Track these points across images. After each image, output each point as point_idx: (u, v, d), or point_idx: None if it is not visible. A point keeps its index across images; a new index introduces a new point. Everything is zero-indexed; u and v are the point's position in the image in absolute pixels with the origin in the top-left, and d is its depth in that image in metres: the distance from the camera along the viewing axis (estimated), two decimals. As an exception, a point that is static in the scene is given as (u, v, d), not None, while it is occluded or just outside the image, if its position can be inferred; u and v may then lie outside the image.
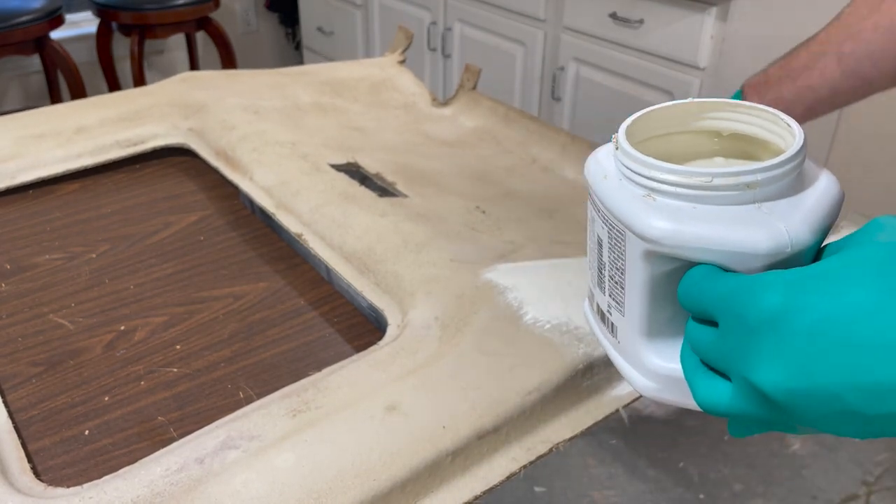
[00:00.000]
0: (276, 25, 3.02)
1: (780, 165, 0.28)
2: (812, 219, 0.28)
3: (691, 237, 0.28)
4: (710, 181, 0.28)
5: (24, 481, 0.49)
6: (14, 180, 0.85)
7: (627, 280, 0.31)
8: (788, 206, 0.28)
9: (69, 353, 0.62)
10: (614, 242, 0.31)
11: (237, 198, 0.86)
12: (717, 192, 0.28)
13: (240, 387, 0.59)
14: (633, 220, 0.29)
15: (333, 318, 0.67)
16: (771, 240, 0.27)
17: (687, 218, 0.28)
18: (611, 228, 0.31)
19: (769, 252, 0.27)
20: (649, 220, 0.28)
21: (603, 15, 1.66)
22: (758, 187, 0.28)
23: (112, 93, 0.99)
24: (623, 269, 0.31)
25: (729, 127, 0.32)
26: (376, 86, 1.08)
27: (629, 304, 0.32)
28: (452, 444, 0.48)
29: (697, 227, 0.28)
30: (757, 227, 0.27)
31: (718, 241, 0.28)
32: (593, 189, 0.32)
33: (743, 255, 0.27)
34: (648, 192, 0.29)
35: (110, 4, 2.28)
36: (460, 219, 0.75)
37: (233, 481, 0.45)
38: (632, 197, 0.29)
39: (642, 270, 0.30)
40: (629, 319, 0.32)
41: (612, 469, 0.48)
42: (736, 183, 0.27)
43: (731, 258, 0.28)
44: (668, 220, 0.28)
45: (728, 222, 0.28)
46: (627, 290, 0.31)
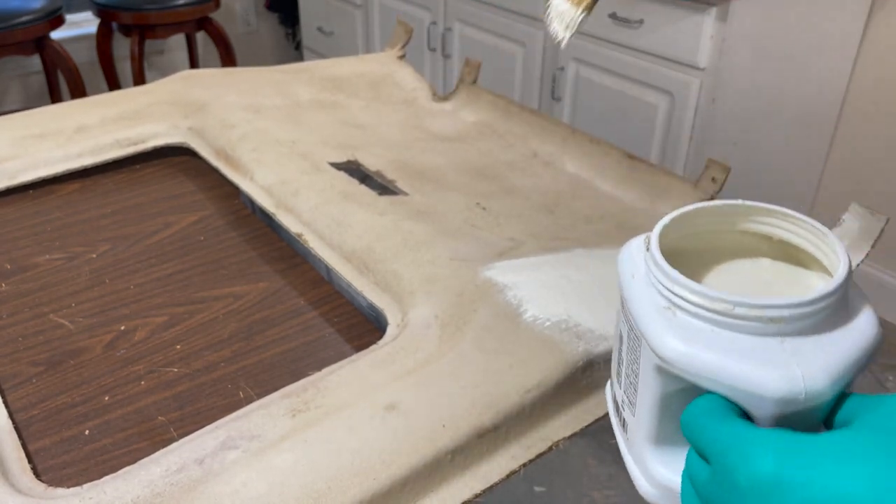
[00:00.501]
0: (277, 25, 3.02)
1: (810, 304, 0.26)
2: (836, 367, 0.26)
3: (702, 364, 0.27)
4: (732, 309, 0.26)
5: (24, 481, 0.49)
6: (14, 180, 0.85)
7: (640, 385, 0.30)
8: (814, 346, 0.26)
9: (69, 353, 0.62)
10: (632, 344, 0.30)
11: (237, 197, 0.86)
12: (739, 321, 0.26)
13: (240, 387, 0.59)
14: (649, 333, 0.28)
15: (333, 317, 0.67)
16: (784, 385, 0.25)
17: (703, 342, 0.27)
18: (630, 329, 0.30)
19: (780, 398, 0.25)
20: (664, 338, 0.28)
21: (602, 15, 1.66)
22: (783, 323, 0.26)
23: (112, 92, 0.99)
24: (637, 372, 0.30)
25: (778, 235, 0.31)
26: (376, 81, 1.08)
27: (640, 408, 0.31)
28: (452, 443, 0.48)
29: (711, 355, 0.26)
30: (772, 368, 0.26)
31: (729, 375, 0.26)
32: (621, 285, 0.31)
33: (752, 396, 0.26)
34: (670, 306, 0.28)
35: (110, 4, 2.28)
36: (460, 216, 0.75)
37: (233, 481, 0.45)
38: (653, 306, 0.28)
39: (654, 382, 0.29)
40: (639, 422, 0.31)
41: (613, 469, 0.48)
42: (759, 315, 0.26)
43: (740, 395, 0.26)
44: (684, 341, 0.27)
45: (744, 355, 0.26)
46: (639, 394, 0.31)
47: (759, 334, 0.26)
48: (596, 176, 0.87)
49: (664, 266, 0.28)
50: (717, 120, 1.55)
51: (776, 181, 1.70)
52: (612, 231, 0.75)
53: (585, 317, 0.58)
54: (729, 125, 1.57)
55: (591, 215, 0.79)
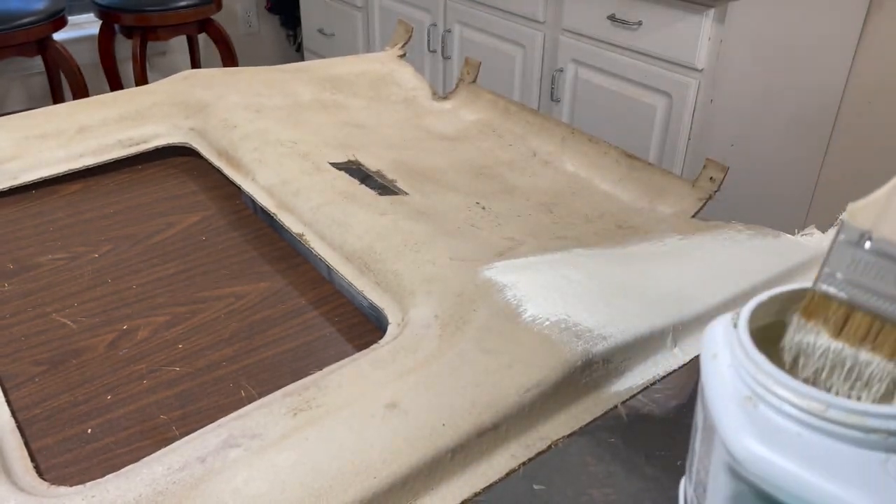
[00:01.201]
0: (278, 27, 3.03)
1: None
2: None
3: (782, 473, 0.22)
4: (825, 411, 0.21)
5: (26, 480, 0.49)
6: (16, 180, 0.85)
7: (709, 485, 0.26)
8: None
9: (72, 353, 0.63)
10: (706, 436, 0.25)
11: (239, 198, 0.86)
12: (833, 426, 0.21)
13: (241, 385, 0.59)
14: (724, 424, 0.23)
15: (334, 317, 0.68)
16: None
17: (786, 445, 0.22)
18: (706, 418, 0.25)
19: None
20: (740, 433, 0.23)
21: (601, 17, 1.66)
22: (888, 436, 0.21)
23: (113, 92, 0.99)
24: (708, 469, 0.26)
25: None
26: (376, 81, 1.09)
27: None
28: (452, 442, 0.49)
29: (792, 464, 0.21)
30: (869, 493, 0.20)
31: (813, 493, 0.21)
32: (701, 365, 0.26)
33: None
34: (752, 396, 0.23)
35: (113, 6, 2.28)
36: (460, 215, 0.75)
37: (234, 479, 0.46)
38: (733, 394, 0.24)
39: (724, 485, 0.24)
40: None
41: (611, 467, 0.48)
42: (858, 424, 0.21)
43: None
44: (762, 440, 0.22)
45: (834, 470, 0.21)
46: (709, 496, 0.26)
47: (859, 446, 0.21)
48: (595, 175, 0.87)
49: (748, 347, 0.24)
50: (715, 120, 1.56)
51: (773, 181, 1.70)
52: (611, 230, 0.76)
53: (584, 316, 0.58)
54: (727, 126, 1.58)
55: (590, 214, 0.79)
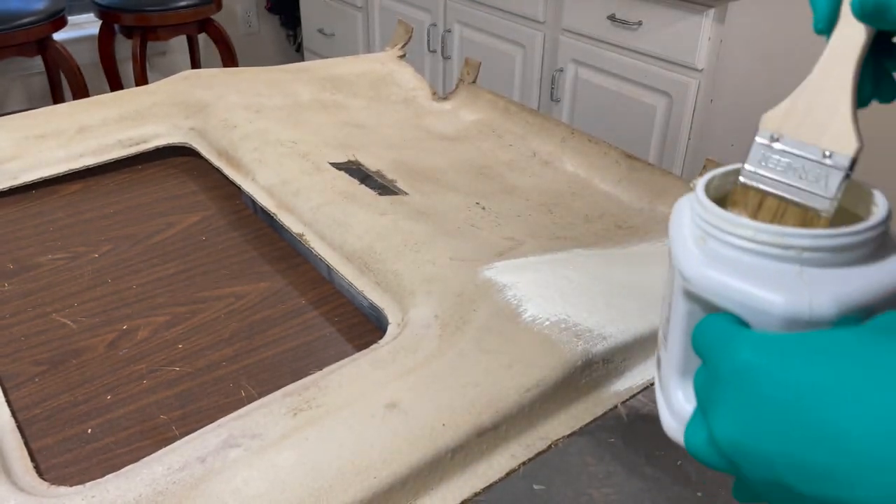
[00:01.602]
0: (278, 27, 3.03)
1: (831, 237, 0.27)
2: (848, 298, 0.26)
3: (717, 283, 0.28)
4: (755, 235, 0.28)
5: (26, 480, 0.49)
6: (16, 180, 0.85)
7: (672, 316, 0.32)
8: (832, 277, 0.27)
9: (72, 353, 0.63)
10: (671, 278, 0.32)
11: (239, 198, 0.86)
12: (762, 247, 0.28)
13: (241, 385, 0.59)
14: (679, 258, 0.30)
15: (334, 317, 0.68)
16: (789, 305, 0.26)
17: (724, 266, 0.28)
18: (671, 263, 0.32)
19: (784, 316, 0.26)
20: (689, 260, 0.29)
21: (601, 17, 1.66)
22: (804, 252, 0.27)
23: (113, 92, 0.99)
24: (671, 305, 0.32)
25: None
26: (376, 81, 1.09)
27: (671, 340, 0.32)
28: (452, 442, 0.49)
29: (726, 276, 0.28)
30: (781, 290, 0.27)
31: (737, 292, 0.28)
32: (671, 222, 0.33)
33: (759, 313, 0.27)
34: (703, 236, 0.30)
35: (113, 6, 2.28)
36: (460, 215, 0.75)
37: (234, 479, 0.46)
38: (691, 237, 0.30)
39: (682, 308, 0.31)
40: (669, 355, 0.32)
41: (611, 467, 0.48)
42: (780, 242, 0.27)
43: (749, 313, 0.27)
44: (705, 261, 0.29)
45: (758, 278, 0.27)
46: (671, 325, 0.32)
47: (781, 261, 0.27)
48: (595, 176, 0.87)
49: (701, 198, 0.30)
50: (715, 121, 1.56)
51: (776, 182, 1.70)
52: (611, 230, 0.76)
53: (584, 316, 0.58)
54: (727, 126, 1.58)
55: (590, 215, 0.79)
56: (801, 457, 0.24)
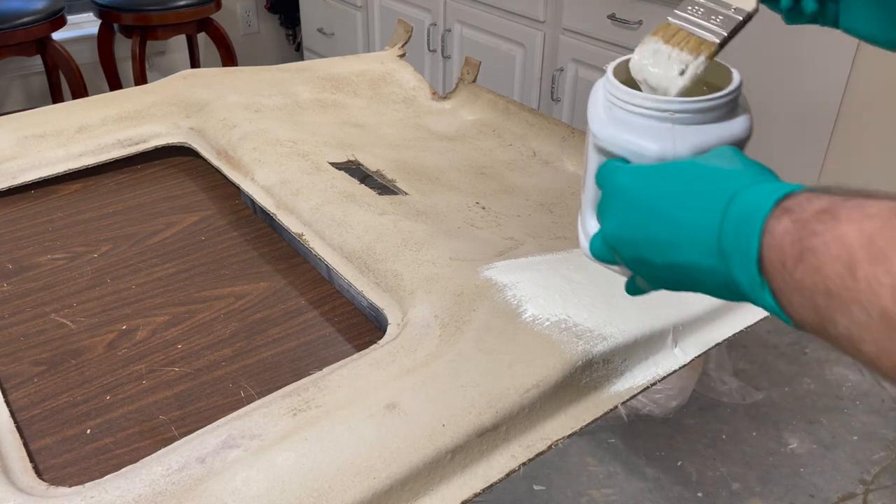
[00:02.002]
0: (277, 27, 3.02)
1: (694, 103, 0.38)
2: (701, 144, 0.38)
3: (613, 135, 0.39)
4: (642, 102, 0.39)
5: (25, 480, 0.49)
6: (16, 180, 0.85)
7: (587, 166, 0.43)
8: (695, 132, 0.38)
9: (71, 353, 0.63)
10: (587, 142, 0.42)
11: (238, 198, 0.86)
12: (647, 111, 0.38)
13: (241, 386, 0.59)
14: (592, 121, 0.41)
15: (334, 317, 0.68)
16: (659, 150, 0.38)
17: (620, 124, 0.39)
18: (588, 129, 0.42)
19: (656, 157, 0.38)
20: (598, 121, 0.40)
21: (602, 16, 1.66)
22: (675, 113, 0.38)
23: (113, 91, 0.99)
24: (587, 158, 0.43)
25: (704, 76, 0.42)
26: (376, 81, 1.08)
27: (586, 183, 0.43)
28: (452, 442, 0.49)
29: (620, 131, 0.39)
30: (656, 140, 0.38)
31: (627, 143, 0.39)
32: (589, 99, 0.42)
33: (640, 156, 0.38)
34: (610, 105, 0.40)
35: (112, 5, 2.28)
36: (460, 215, 0.75)
37: (234, 480, 0.46)
38: (602, 107, 0.41)
39: (593, 158, 0.42)
40: (585, 195, 0.44)
41: (611, 468, 0.48)
42: (656, 107, 0.38)
43: (634, 157, 0.39)
44: (608, 123, 0.40)
45: (642, 132, 0.38)
46: (586, 173, 0.43)
47: (660, 120, 0.38)
48: (595, 176, 0.87)
49: (610, 76, 0.41)
50: (717, 121, 1.55)
51: (776, 182, 1.70)
52: (612, 231, 0.75)
53: (584, 316, 0.58)
54: (728, 126, 1.57)
55: (590, 216, 0.79)
56: (651, 236, 0.36)
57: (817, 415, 1.37)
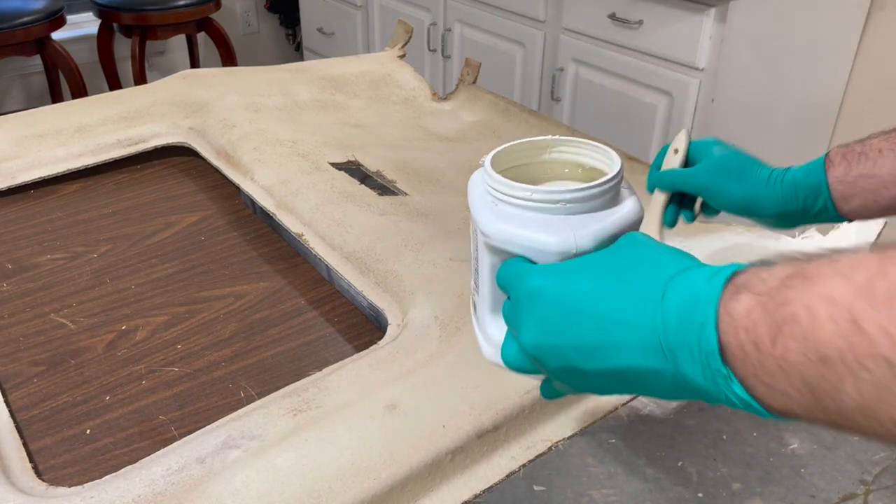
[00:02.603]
0: (277, 26, 3.02)
1: (585, 190, 0.36)
2: (600, 232, 0.36)
3: (509, 234, 0.37)
4: (531, 195, 0.36)
5: (25, 481, 0.49)
6: (15, 180, 0.85)
7: (479, 266, 0.40)
8: (590, 220, 0.36)
9: (70, 353, 0.62)
10: (474, 237, 0.40)
11: (238, 198, 0.86)
12: (537, 204, 0.36)
13: (241, 386, 0.59)
14: (478, 218, 0.38)
15: (334, 317, 0.67)
16: (560, 243, 0.35)
17: (511, 220, 0.37)
18: (473, 226, 0.40)
19: (558, 251, 0.35)
20: (485, 219, 0.38)
21: (602, 16, 1.66)
22: (567, 204, 0.36)
23: (112, 91, 0.99)
24: (477, 257, 0.40)
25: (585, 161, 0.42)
26: (376, 81, 1.08)
27: (481, 287, 0.41)
28: (452, 443, 0.49)
29: (513, 228, 0.36)
30: (554, 233, 0.36)
31: (526, 239, 0.36)
32: (469, 193, 0.40)
33: (540, 252, 0.36)
34: (494, 200, 0.38)
35: (111, 5, 2.28)
36: (460, 216, 0.75)
37: (233, 480, 0.46)
38: (485, 204, 0.38)
39: (486, 259, 0.39)
40: (481, 298, 0.41)
41: (612, 468, 0.48)
42: (550, 199, 0.36)
43: (533, 254, 0.36)
44: (497, 220, 0.37)
45: (537, 227, 0.36)
46: (480, 274, 0.40)
47: (552, 213, 0.36)
48: (595, 176, 0.87)
49: (490, 171, 0.39)
50: (716, 120, 1.56)
51: (776, 182, 1.70)
52: (612, 231, 0.75)
53: (585, 317, 0.58)
54: (728, 126, 1.58)
55: (590, 216, 0.79)
56: (581, 342, 0.32)
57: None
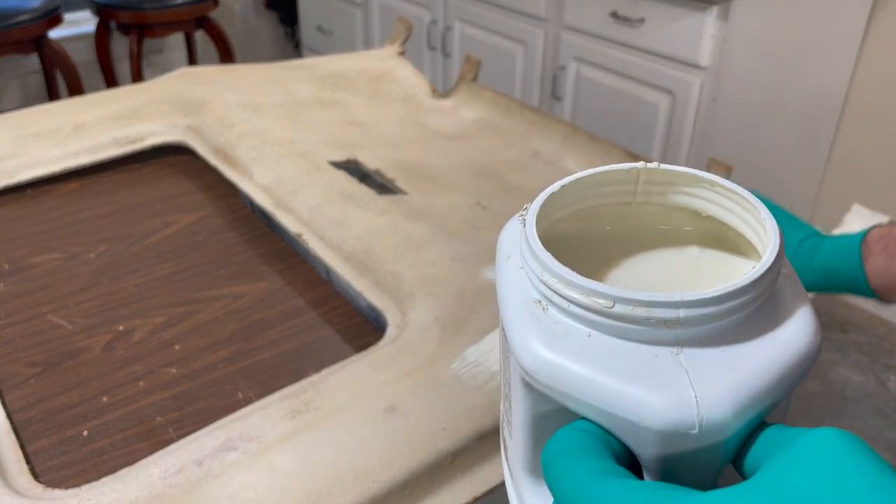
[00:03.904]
0: (276, 24, 3.02)
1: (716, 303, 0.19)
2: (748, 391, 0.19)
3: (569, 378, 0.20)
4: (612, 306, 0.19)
5: (22, 482, 0.48)
6: (12, 179, 0.84)
7: (513, 399, 0.23)
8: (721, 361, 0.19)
9: (68, 354, 0.62)
10: (504, 348, 0.23)
11: (236, 197, 0.85)
12: (622, 323, 0.20)
13: (239, 387, 0.59)
14: (513, 334, 0.21)
15: (333, 318, 0.67)
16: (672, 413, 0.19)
17: (574, 349, 0.20)
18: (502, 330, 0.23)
19: (665, 430, 0.19)
20: (527, 340, 0.21)
21: (604, 14, 1.65)
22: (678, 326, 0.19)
23: (110, 89, 0.98)
24: (510, 382, 0.23)
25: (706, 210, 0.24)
26: (376, 78, 1.08)
27: (515, 430, 0.24)
28: (452, 446, 0.48)
29: (580, 367, 0.20)
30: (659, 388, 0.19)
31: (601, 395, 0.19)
32: (497, 267, 0.24)
33: (631, 426, 0.19)
34: (541, 300, 0.21)
35: (109, 3, 2.27)
36: (460, 215, 0.74)
37: (232, 483, 0.45)
38: (524, 299, 0.22)
39: (523, 400, 0.22)
40: (515, 446, 0.24)
41: (614, 470, 0.48)
42: (647, 316, 0.19)
43: (614, 421, 0.20)
44: (549, 346, 0.20)
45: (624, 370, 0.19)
46: (514, 412, 0.24)
47: (650, 342, 0.20)
48: (597, 175, 0.86)
49: (536, 246, 0.21)
50: (719, 119, 1.55)
51: (777, 180, 1.70)
52: (613, 231, 0.75)
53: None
54: (730, 124, 1.57)
55: (591, 215, 0.78)
56: None
57: (822, 416, 1.37)
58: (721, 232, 0.22)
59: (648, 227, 0.25)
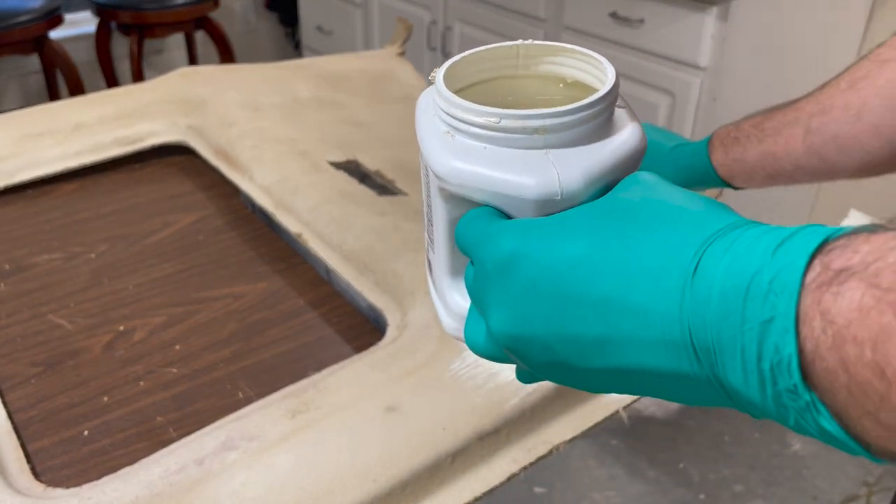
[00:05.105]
0: (276, 25, 3.02)
1: (570, 113, 0.27)
2: (592, 170, 0.27)
3: (470, 176, 0.27)
4: (498, 122, 0.27)
5: (22, 482, 0.49)
6: (13, 179, 0.84)
7: (434, 217, 0.31)
8: (576, 154, 0.27)
9: (68, 354, 0.62)
10: (425, 178, 0.31)
11: (236, 197, 0.85)
12: (507, 135, 0.27)
13: (239, 387, 0.59)
14: (428, 155, 0.29)
15: (333, 318, 0.67)
16: (540, 186, 0.26)
17: (473, 158, 0.27)
18: (423, 163, 0.30)
19: (537, 198, 0.26)
20: (439, 156, 0.28)
21: (603, 14, 1.65)
22: (546, 133, 0.27)
23: (110, 89, 0.98)
24: (431, 205, 0.31)
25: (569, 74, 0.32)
26: (376, 78, 1.08)
27: (437, 242, 0.31)
28: (452, 446, 0.48)
29: (478, 168, 0.27)
30: (531, 173, 0.26)
31: (493, 183, 0.27)
32: (416, 121, 0.31)
33: (514, 199, 0.27)
34: (449, 130, 0.28)
35: (109, 4, 2.27)
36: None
37: (232, 482, 0.45)
38: (436, 133, 0.29)
39: (442, 209, 0.30)
40: (438, 257, 0.32)
41: (613, 470, 0.48)
42: (523, 126, 0.27)
43: (504, 201, 0.27)
44: (455, 157, 0.28)
45: (509, 166, 0.27)
46: (435, 227, 0.31)
47: (527, 147, 0.27)
48: (596, 176, 0.87)
49: (443, 90, 0.28)
50: (719, 119, 1.55)
51: (776, 181, 1.70)
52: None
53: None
54: (729, 125, 1.57)
55: (591, 215, 0.78)
56: (574, 333, 0.24)
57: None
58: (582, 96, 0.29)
59: (529, 97, 0.32)
